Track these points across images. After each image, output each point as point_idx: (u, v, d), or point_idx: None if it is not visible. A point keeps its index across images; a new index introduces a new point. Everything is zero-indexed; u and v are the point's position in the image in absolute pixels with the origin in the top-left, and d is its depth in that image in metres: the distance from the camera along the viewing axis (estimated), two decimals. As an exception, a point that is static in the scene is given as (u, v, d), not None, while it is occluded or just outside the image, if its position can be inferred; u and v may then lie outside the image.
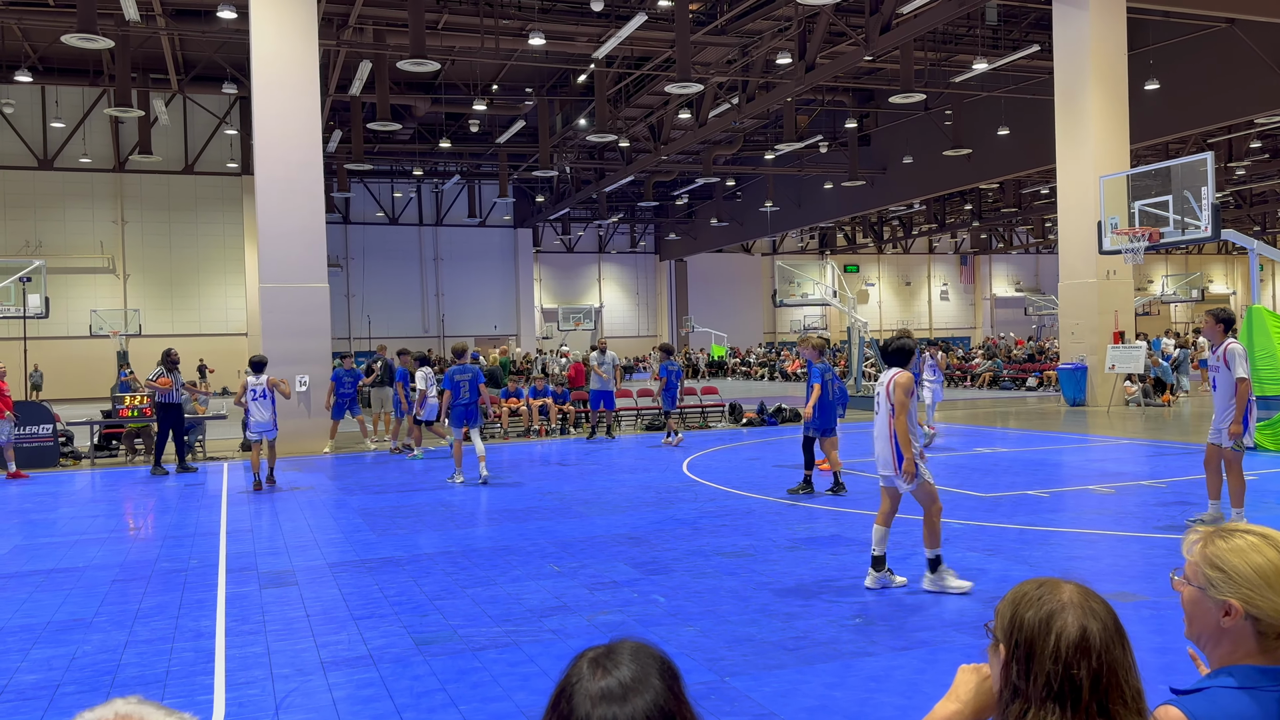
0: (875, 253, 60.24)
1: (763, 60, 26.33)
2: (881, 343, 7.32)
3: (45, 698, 5.17)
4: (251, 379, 13.07)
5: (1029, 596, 1.62)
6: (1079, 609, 1.57)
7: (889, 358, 7.12)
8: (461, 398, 12.97)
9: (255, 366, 13.17)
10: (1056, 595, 1.60)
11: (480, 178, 48.24)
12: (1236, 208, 46.65)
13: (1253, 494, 10.34)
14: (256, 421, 12.96)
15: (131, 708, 1.14)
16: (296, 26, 17.60)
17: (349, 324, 48.67)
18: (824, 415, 11.02)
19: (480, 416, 13.24)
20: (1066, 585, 1.62)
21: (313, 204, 17.78)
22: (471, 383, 13.01)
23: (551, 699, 1.27)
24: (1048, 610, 1.58)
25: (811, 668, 5.23)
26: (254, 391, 12.99)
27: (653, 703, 1.20)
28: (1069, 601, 1.58)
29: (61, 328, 38.10)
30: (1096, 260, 20.78)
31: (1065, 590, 1.61)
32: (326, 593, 7.24)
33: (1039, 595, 1.61)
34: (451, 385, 12.97)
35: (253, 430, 13.01)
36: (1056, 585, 1.62)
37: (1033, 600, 1.61)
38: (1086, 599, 1.59)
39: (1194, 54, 25.78)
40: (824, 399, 11.00)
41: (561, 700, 1.24)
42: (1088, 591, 1.61)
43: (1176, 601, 6.23)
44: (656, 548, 8.42)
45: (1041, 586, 1.64)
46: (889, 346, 7.16)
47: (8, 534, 10.17)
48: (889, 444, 6.91)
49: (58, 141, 39.46)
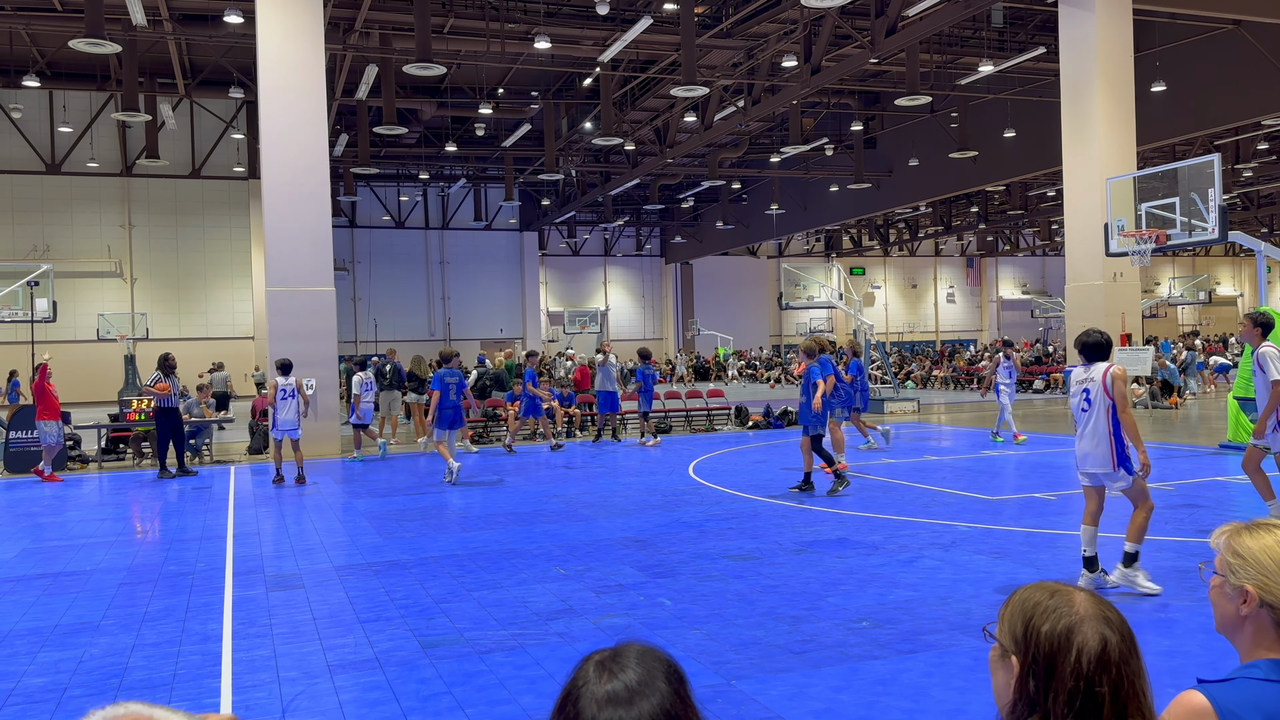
0: (881, 255, 60.16)
1: (768, 63, 26.32)
2: (1076, 339, 7.09)
3: (53, 701, 5.18)
4: (281, 380, 13.86)
5: (1043, 607, 1.57)
6: (1096, 620, 1.53)
7: (1089, 351, 6.80)
8: (450, 399, 13.54)
9: (283, 368, 14.18)
10: (1072, 606, 1.56)
11: (486, 181, 48.30)
12: (1244, 209, 46.52)
13: (1259, 496, 10.30)
14: (284, 419, 13.74)
15: (143, 708, 1.14)
16: (303, 31, 17.65)
17: (355, 327, 48.73)
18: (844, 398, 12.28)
19: (463, 419, 13.74)
20: (1078, 594, 1.58)
21: (319, 208, 17.81)
22: (458, 386, 13.54)
23: (558, 702, 1.27)
24: (1066, 625, 1.54)
25: (818, 671, 5.21)
26: (284, 391, 13.79)
27: (659, 706, 1.20)
28: (1086, 614, 1.54)
29: (69, 331, 38.20)
30: (1103, 262, 20.72)
31: (1078, 600, 1.57)
32: (333, 596, 7.25)
33: (1054, 606, 1.57)
34: (441, 387, 13.54)
35: (279, 428, 13.76)
36: (1069, 595, 1.58)
37: (1048, 612, 1.56)
38: (1101, 608, 1.56)
39: (1201, 55, 25.72)
40: (839, 384, 11.68)
41: (568, 704, 1.24)
42: (1099, 599, 1.58)
43: (1184, 605, 6.22)
44: (662, 551, 8.41)
45: (1055, 596, 1.59)
46: (1088, 340, 6.82)
47: (16, 537, 10.20)
48: (1108, 441, 6.63)
49: (65, 146, 39.59)
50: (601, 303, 55.60)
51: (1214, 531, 1.91)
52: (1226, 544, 1.85)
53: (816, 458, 11.63)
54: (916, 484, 11.85)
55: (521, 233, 52.47)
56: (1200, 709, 1.68)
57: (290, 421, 13.75)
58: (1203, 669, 5.07)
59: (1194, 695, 1.70)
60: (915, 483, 11.98)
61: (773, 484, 12.24)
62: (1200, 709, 1.68)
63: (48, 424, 15.08)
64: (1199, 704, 1.69)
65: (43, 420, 15.10)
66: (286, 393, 13.78)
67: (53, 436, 15.10)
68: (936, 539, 8.56)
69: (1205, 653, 5.29)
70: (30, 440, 16.08)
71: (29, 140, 39.23)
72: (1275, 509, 8.56)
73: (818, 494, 11.29)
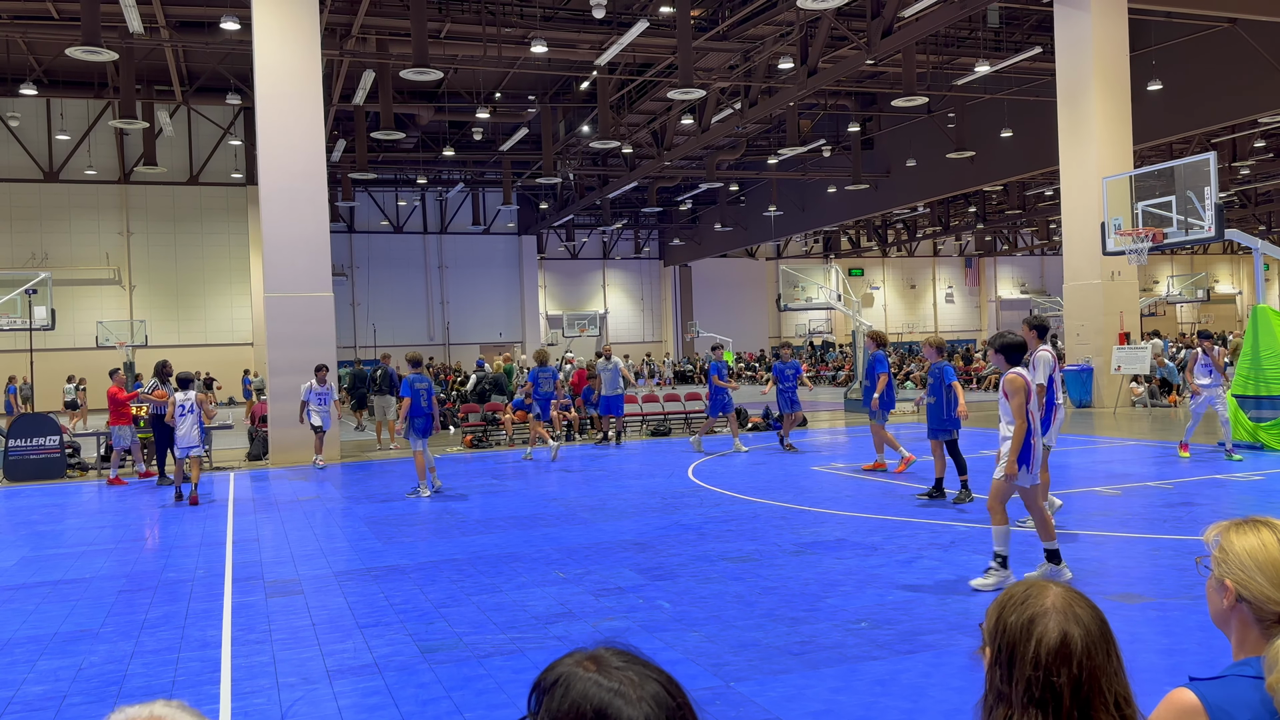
0: (880, 256, 60.17)
1: (765, 65, 26.35)
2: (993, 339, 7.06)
3: (52, 709, 5.18)
4: (180, 395, 13.35)
5: (1015, 600, 1.61)
6: (1061, 614, 1.56)
7: (1007, 351, 6.93)
8: (421, 405, 13.07)
9: (182, 383, 13.63)
10: (1041, 600, 1.59)
11: (484, 185, 48.31)
12: (1241, 207, 46.54)
13: (1260, 494, 10.32)
14: (183, 437, 13.21)
15: (170, 710, 1.14)
16: (299, 37, 17.66)
17: (354, 333, 48.73)
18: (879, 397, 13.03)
19: (433, 427, 13.27)
20: (1053, 588, 1.61)
21: (317, 213, 17.82)
22: (428, 392, 13.19)
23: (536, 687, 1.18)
24: (1030, 615, 1.57)
25: (817, 672, 5.22)
26: (182, 408, 13.28)
27: (662, 684, 1.15)
28: (1052, 606, 1.57)
29: (68, 339, 38.20)
30: (1101, 261, 20.74)
31: (1050, 594, 1.59)
32: (332, 601, 7.25)
33: (1024, 599, 1.60)
34: (411, 393, 13.07)
35: (179, 447, 13.28)
36: (1043, 589, 1.61)
37: (1016, 604, 1.60)
38: (1071, 604, 1.58)
39: (1196, 54, 25.74)
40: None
41: (558, 686, 1.15)
42: (1074, 595, 1.60)
43: (1182, 603, 6.22)
44: (662, 553, 8.41)
45: (1028, 589, 1.62)
46: (1006, 342, 6.96)
47: (15, 545, 10.20)
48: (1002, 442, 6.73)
49: (63, 154, 39.62)
50: (601, 306, 55.60)
51: (1208, 527, 1.93)
52: (1216, 540, 1.87)
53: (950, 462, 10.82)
54: (915, 485, 11.85)
55: (520, 236, 52.49)
56: (1190, 707, 1.69)
57: (189, 439, 13.18)
58: (1200, 667, 5.07)
59: (1184, 693, 1.70)
60: (914, 484, 11.98)
61: (772, 486, 12.25)
62: (1190, 707, 1.69)
63: (120, 429, 15.45)
64: (1189, 702, 1.69)
65: (115, 426, 15.47)
66: (185, 409, 13.15)
67: (125, 441, 15.51)
68: (935, 539, 8.56)
69: (1203, 650, 5.30)
70: (30, 448, 16.10)
71: (26, 148, 39.25)
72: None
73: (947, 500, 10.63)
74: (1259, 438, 14.18)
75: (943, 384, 10.67)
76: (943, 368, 10.82)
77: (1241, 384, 14.72)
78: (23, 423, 16.64)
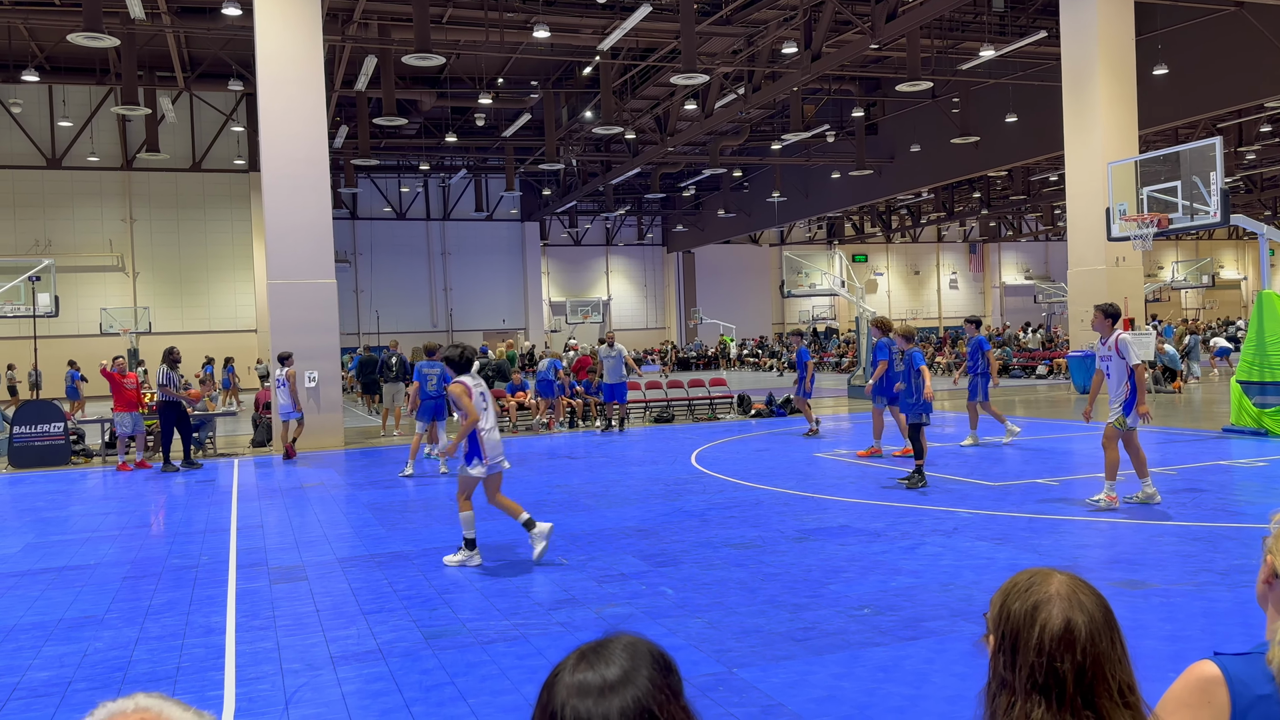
0: (883, 242, 60.03)
1: (768, 50, 26.23)
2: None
3: (57, 695, 5.20)
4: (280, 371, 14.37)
5: (1020, 587, 1.61)
6: (1065, 601, 1.55)
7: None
8: (429, 390, 13.64)
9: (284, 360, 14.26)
10: (1045, 586, 1.58)
11: (487, 172, 48.21)
12: (1247, 192, 46.34)
13: (1263, 479, 10.30)
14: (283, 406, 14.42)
15: (152, 702, 1.15)
16: (301, 22, 17.61)
17: (358, 319, 48.73)
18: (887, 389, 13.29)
19: (446, 412, 13.72)
20: (1057, 576, 1.60)
21: (320, 200, 17.80)
22: (439, 378, 13.54)
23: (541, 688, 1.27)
24: (1033, 601, 1.56)
25: (819, 658, 5.22)
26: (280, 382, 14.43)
27: (633, 699, 1.19)
28: (1056, 593, 1.56)
29: (72, 326, 38.24)
30: (1106, 247, 20.68)
31: (1054, 581, 1.59)
32: (336, 587, 7.27)
33: (1028, 586, 1.60)
34: (420, 378, 13.64)
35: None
36: (1047, 576, 1.60)
37: (1021, 591, 1.59)
38: (1075, 591, 1.57)
39: (1203, 38, 25.58)
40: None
41: (544, 690, 1.24)
42: (1078, 583, 1.59)
43: (1187, 589, 6.21)
44: (665, 540, 8.42)
45: (1032, 576, 1.62)
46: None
47: (20, 532, 10.23)
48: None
49: (65, 140, 39.57)
50: (604, 292, 55.55)
51: (1274, 514, 1.93)
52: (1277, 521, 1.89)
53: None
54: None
55: (523, 223, 52.42)
56: (1210, 677, 1.70)
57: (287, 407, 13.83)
58: (1202, 654, 5.06)
59: (1206, 664, 1.72)
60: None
61: (775, 473, 12.25)
62: (1210, 677, 1.70)
63: (122, 416, 15.50)
64: (1210, 673, 1.70)
65: (118, 412, 15.52)
66: (282, 382, 13.88)
67: (127, 427, 15.55)
68: (938, 525, 8.56)
69: (1206, 637, 5.29)
70: (34, 435, 16.14)
71: (29, 135, 39.20)
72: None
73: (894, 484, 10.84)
74: (1264, 423, 14.15)
75: (912, 369, 11.10)
76: (912, 354, 11.24)
77: (1246, 370, 14.68)
78: (27, 409, 16.67)
